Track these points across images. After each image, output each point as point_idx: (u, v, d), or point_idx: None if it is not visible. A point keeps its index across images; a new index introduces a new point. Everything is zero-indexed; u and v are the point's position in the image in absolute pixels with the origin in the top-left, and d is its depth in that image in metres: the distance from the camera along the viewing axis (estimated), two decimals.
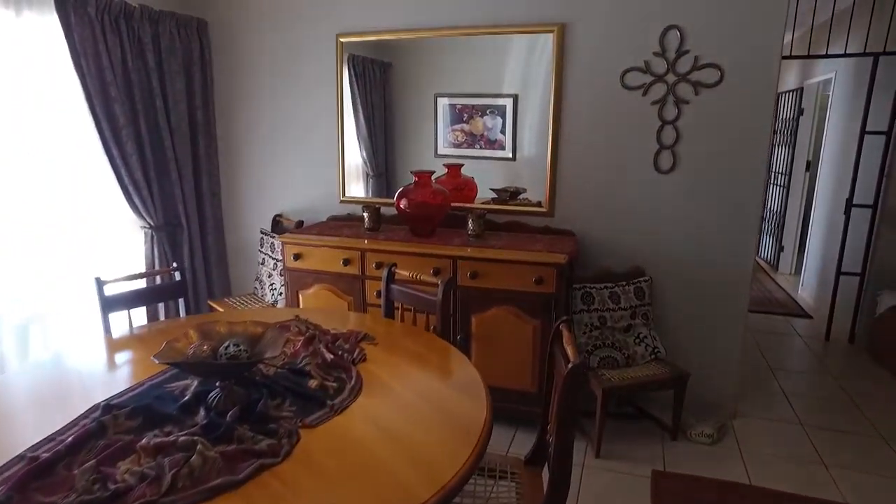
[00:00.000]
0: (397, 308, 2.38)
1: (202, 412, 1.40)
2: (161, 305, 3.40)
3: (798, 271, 5.91)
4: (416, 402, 1.56)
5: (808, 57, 4.53)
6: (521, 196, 3.18)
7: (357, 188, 3.54)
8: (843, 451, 2.78)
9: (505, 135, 3.15)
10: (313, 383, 1.62)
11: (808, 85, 5.89)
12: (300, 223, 3.47)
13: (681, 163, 2.88)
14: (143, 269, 3.31)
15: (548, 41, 2.93)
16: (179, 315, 3.28)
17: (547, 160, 3.06)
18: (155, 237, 3.35)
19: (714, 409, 3.04)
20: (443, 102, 3.24)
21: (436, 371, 1.81)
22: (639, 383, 2.63)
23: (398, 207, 3.00)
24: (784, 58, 3.03)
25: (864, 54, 3.98)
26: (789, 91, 6.44)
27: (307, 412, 1.46)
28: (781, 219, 6.33)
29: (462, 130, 3.24)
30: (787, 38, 4.54)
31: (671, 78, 2.81)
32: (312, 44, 3.40)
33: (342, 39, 3.31)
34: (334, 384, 1.63)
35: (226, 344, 1.52)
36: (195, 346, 1.54)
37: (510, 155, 3.18)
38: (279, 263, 3.36)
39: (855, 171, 4.09)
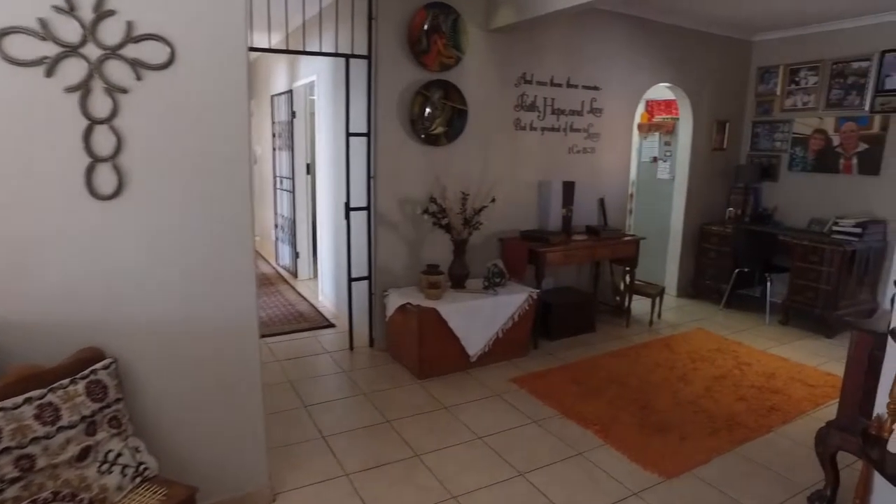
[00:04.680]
0: None
1: None
2: None
3: (316, 275, 5.86)
4: None
5: (287, 52, 4.27)
6: None
7: None
8: (389, 492, 2.47)
9: None
10: None
11: (296, 88, 5.80)
12: None
13: (132, 181, 1.92)
14: None
15: None
16: None
17: None
18: None
19: (250, 501, 2.30)
20: None
21: None
22: None
23: None
24: (253, 49, 2.49)
25: (336, 54, 3.90)
26: (280, 94, 6.30)
27: None
28: (293, 224, 6.18)
29: None
30: (274, 38, 4.19)
31: (94, 51, 1.81)
32: None
33: None
34: None
35: None
36: None
37: None
38: None
39: (347, 173, 4.02)
